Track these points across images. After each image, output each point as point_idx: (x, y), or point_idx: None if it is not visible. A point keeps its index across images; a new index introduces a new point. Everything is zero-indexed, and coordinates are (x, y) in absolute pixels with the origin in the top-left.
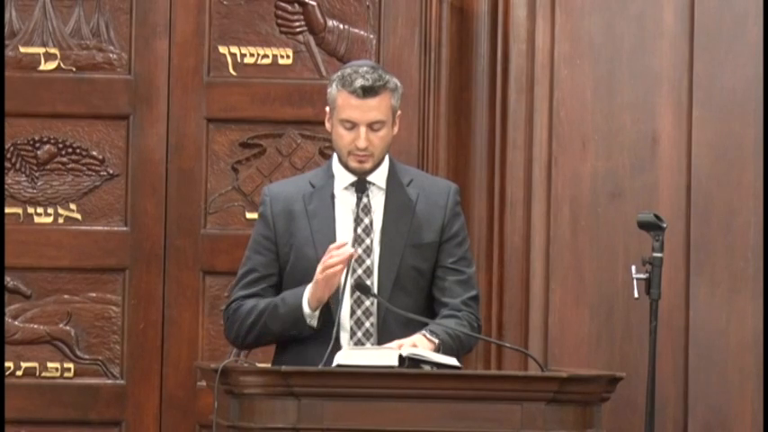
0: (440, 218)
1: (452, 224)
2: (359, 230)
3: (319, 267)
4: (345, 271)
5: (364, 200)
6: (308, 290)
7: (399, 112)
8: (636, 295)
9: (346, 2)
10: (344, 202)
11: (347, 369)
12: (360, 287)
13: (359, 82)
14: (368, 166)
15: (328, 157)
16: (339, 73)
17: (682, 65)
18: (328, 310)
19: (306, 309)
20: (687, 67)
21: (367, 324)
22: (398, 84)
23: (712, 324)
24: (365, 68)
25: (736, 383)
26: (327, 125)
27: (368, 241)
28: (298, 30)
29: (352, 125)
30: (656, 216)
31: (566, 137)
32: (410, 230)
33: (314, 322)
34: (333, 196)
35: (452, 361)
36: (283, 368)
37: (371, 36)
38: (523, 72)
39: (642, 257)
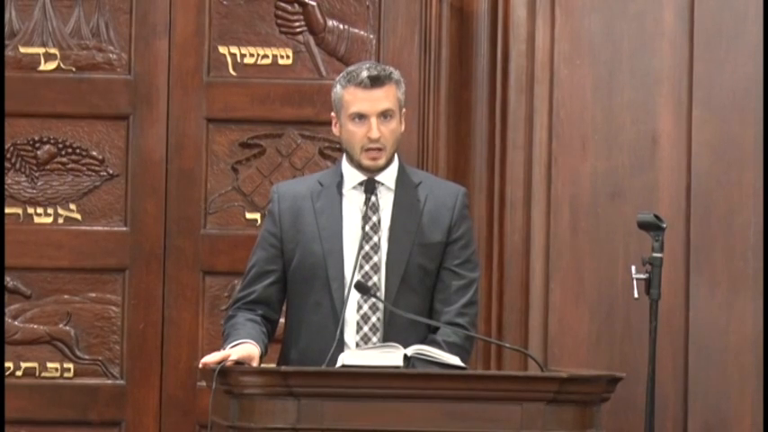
0: (447, 218)
1: (459, 226)
2: (366, 228)
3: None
4: (353, 268)
5: (372, 198)
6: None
7: (405, 110)
8: (636, 295)
9: (346, 2)
10: (352, 201)
11: (346, 369)
12: (360, 288)
13: (365, 73)
14: (381, 162)
15: (328, 158)
16: (342, 73)
17: (682, 65)
18: (333, 308)
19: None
20: (687, 67)
21: (374, 319)
22: (401, 78)
23: (712, 324)
24: (368, 64)
25: (735, 383)
26: (335, 129)
27: (375, 238)
28: (297, 30)
29: (363, 117)
30: (656, 216)
31: (565, 137)
32: (418, 229)
33: None
34: (341, 194)
35: (456, 360)
36: (283, 368)
37: (371, 36)
38: (523, 72)
39: (642, 258)
